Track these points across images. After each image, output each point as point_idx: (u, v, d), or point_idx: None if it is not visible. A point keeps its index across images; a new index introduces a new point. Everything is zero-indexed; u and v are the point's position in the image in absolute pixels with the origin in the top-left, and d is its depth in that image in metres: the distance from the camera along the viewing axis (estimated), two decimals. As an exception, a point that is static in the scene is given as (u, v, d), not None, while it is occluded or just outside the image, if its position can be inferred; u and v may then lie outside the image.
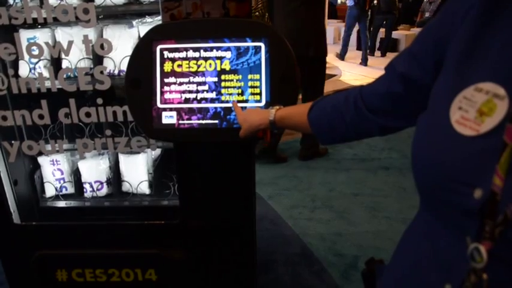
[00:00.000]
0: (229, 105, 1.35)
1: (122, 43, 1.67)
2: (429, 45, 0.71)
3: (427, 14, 10.12)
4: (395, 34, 10.17)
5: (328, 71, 4.27)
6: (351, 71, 7.94)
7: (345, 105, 0.91)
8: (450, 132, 0.59)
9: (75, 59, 1.65)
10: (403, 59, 0.78)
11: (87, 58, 1.66)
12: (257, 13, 4.06)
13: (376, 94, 0.85)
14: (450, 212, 0.61)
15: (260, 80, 1.34)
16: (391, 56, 9.38)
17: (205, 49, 1.36)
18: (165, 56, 1.38)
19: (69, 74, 1.64)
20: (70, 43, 1.58)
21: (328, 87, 5.31)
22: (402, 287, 0.75)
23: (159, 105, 1.38)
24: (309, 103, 1.02)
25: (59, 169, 1.92)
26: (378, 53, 9.68)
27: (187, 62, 1.37)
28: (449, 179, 0.59)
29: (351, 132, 0.93)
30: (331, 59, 4.10)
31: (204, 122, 1.37)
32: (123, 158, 1.88)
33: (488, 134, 0.55)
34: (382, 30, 9.42)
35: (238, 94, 1.36)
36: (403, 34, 10.06)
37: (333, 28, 11.57)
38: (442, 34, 0.68)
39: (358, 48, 10.19)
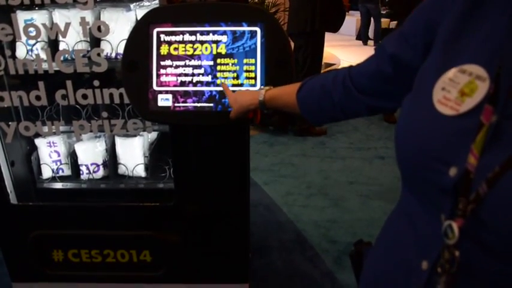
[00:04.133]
0: None
1: (119, 26, 1.68)
2: (420, 27, 0.71)
3: None
4: (395, 24, 10.14)
5: (326, 60, 4.28)
6: (349, 60, 7.93)
7: (333, 85, 0.91)
8: (431, 111, 0.60)
9: (73, 41, 1.66)
10: (394, 39, 0.78)
11: (84, 41, 1.67)
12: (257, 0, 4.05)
13: (365, 74, 0.85)
14: (427, 190, 0.63)
15: (255, 64, 1.35)
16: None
17: (202, 33, 1.37)
18: (162, 39, 1.38)
19: (66, 56, 1.64)
20: (67, 25, 1.58)
21: (327, 76, 5.31)
22: (382, 264, 0.78)
23: (155, 87, 1.39)
24: (298, 83, 1.02)
25: (55, 151, 1.93)
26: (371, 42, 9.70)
27: (183, 45, 1.38)
28: (427, 156, 0.60)
29: (338, 111, 0.94)
30: (328, 47, 4.08)
31: (199, 105, 1.38)
32: (119, 141, 1.90)
33: (467, 114, 0.57)
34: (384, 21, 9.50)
35: (233, 78, 1.37)
36: (403, 25, 10.02)
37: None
38: (433, 16, 0.68)
39: (358, 38, 10.21)
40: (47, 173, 1.96)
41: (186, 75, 1.38)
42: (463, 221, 0.55)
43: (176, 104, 1.39)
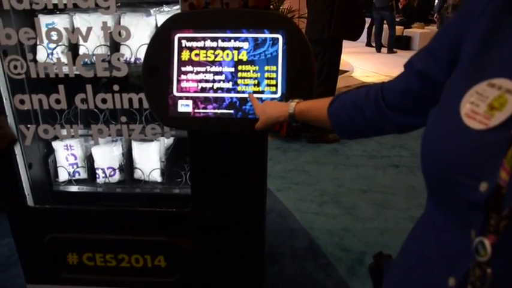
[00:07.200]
0: (245, 95, 1.36)
1: (139, 31, 1.68)
2: (446, 42, 0.72)
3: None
4: (408, 32, 10.13)
5: (339, 67, 4.27)
6: (363, 67, 7.91)
7: (366, 101, 0.92)
8: (459, 125, 0.59)
9: (93, 45, 1.67)
10: (421, 56, 0.79)
11: (104, 45, 1.68)
12: (272, 6, 4.05)
13: (395, 91, 0.86)
14: (456, 205, 0.61)
15: (277, 71, 1.35)
16: (401, 53, 9.36)
17: (223, 39, 1.37)
18: (183, 45, 1.39)
19: (86, 60, 1.65)
20: (89, 29, 1.59)
21: (340, 83, 5.29)
22: (407, 278, 0.76)
23: (175, 93, 1.39)
24: (330, 98, 1.03)
25: (72, 154, 1.94)
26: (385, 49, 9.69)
27: (204, 51, 1.38)
28: (456, 171, 0.59)
29: (369, 127, 0.94)
30: (343, 54, 4.07)
31: (219, 111, 1.38)
32: (136, 146, 1.90)
33: (497, 128, 0.56)
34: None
35: (254, 85, 1.36)
36: (418, 32, 10.01)
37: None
38: (459, 32, 0.68)
39: (368, 44, 10.19)
40: (63, 176, 1.97)
41: (206, 81, 1.38)
42: (495, 238, 0.54)
43: (196, 110, 1.39)
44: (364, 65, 8.14)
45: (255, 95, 1.34)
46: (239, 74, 1.37)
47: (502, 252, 0.54)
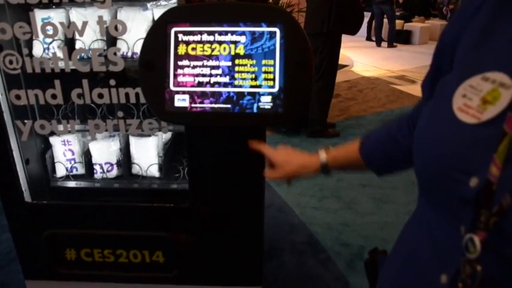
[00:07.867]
0: (242, 89, 1.35)
1: (136, 25, 1.67)
2: (447, 46, 0.70)
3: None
4: (409, 26, 10.10)
5: (339, 61, 4.25)
6: (363, 61, 7.89)
7: (399, 131, 0.88)
8: (451, 119, 0.58)
9: (89, 40, 1.65)
10: (430, 67, 0.77)
11: (100, 40, 1.66)
12: (271, 0, 4.02)
13: (420, 112, 0.82)
14: (446, 200, 0.61)
15: (274, 65, 1.33)
16: (401, 47, 9.33)
17: (220, 33, 1.35)
18: (180, 39, 1.37)
19: (82, 54, 1.64)
20: (84, 24, 1.58)
21: (340, 77, 5.28)
22: (401, 275, 0.76)
23: (172, 88, 1.38)
24: (356, 140, 0.98)
25: (70, 149, 1.93)
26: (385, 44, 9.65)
27: (201, 45, 1.36)
28: (446, 165, 0.58)
29: (406, 156, 0.86)
30: (341, 48, 4.05)
31: (216, 106, 1.37)
32: (133, 141, 1.89)
33: (489, 123, 0.55)
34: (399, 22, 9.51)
35: (251, 79, 1.35)
36: (418, 26, 9.97)
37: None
38: (455, 34, 0.67)
39: (368, 38, 10.16)
40: (60, 171, 1.96)
41: (203, 75, 1.37)
42: (485, 234, 0.53)
43: (193, 105, 1.38)
44: (364, 59, 8.11)
45: (253, 89, 1.33)
46: (236, 68, 1.35)
47: (492, 249, 0.54)
